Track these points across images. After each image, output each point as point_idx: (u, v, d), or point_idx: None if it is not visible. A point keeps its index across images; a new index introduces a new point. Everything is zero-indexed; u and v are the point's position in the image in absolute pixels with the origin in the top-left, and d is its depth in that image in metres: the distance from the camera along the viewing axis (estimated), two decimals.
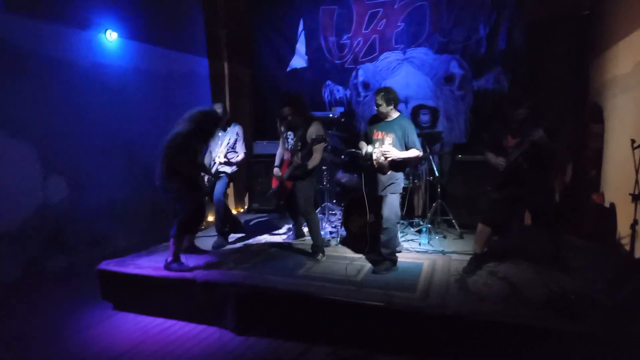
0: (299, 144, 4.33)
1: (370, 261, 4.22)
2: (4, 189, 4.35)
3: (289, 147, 4.47)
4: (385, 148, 3.91)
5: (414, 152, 3.93)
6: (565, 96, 5.54)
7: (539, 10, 5.67)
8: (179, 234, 3.99)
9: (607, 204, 4.91)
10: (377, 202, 4.08)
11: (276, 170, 4.61)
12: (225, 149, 4.88)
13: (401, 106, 6.28)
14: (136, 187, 5.73)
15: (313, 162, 4.28)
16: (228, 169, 4.95)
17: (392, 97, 3.97)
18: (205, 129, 3.97)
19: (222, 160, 4.84)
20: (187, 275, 3.86)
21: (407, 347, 3.17)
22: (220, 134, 4.99)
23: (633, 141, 3.94)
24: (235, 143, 4.96)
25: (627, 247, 4.02)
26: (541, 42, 5.70)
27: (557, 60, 5.62)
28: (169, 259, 3.98)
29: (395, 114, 4.03)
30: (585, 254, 4.28)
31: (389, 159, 3.91)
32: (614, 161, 4.92)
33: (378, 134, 4.03)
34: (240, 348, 3.37)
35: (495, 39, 5.90)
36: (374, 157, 3.98)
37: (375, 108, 4.01)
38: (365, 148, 4.11)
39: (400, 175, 4.05)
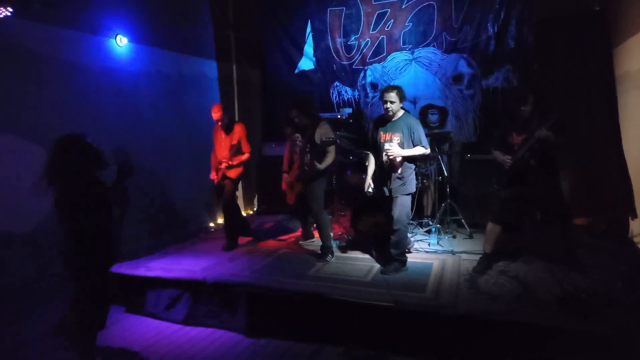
0: (308, 145, 4.34)
1: (379, 262, 4.22)
2: (18, 193, 4.41)
3: (297, 149, 4.48)
4: (386, 147, 3.88)
5: (420, 150, 3.88)
6: (580, 93, 5.43)
7: (548, 8, 5.59)
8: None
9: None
10: (388, 202, 4.08)
11: (285, 176, 4.63)
12: (230, 152, 4.81)
13: (409, 106, 6.26)
14: (148, 190, 5.78)
15: (326, 162, 4.28)
16: (233, 174, 4.88)
17: (404, 95, 3.95)
18: None
19: (228, 163, 4.79)
20: (199, 276, 3.89)
21: (418, 347, 3.16)
22: (223, 136, 4.94)
23: None
24: (239, 143, 4.90)
25: None
26: (552, 40, 5.63)
27: (568, 57, 5.54)
28: None
29: (400, 113, 4.01)
30: (599, 252, 4.23)
31: (391, 157, 3.88)
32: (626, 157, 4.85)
33: (385, 136, 3.99)
34: (252, 349, 3.39)
35: (504, 37, 5.84)
36: (383, 159, 3.98)
37: (387, 107, 3.88)
38: (369, 181, 4.20)
39: (412, 176, 4.02)
